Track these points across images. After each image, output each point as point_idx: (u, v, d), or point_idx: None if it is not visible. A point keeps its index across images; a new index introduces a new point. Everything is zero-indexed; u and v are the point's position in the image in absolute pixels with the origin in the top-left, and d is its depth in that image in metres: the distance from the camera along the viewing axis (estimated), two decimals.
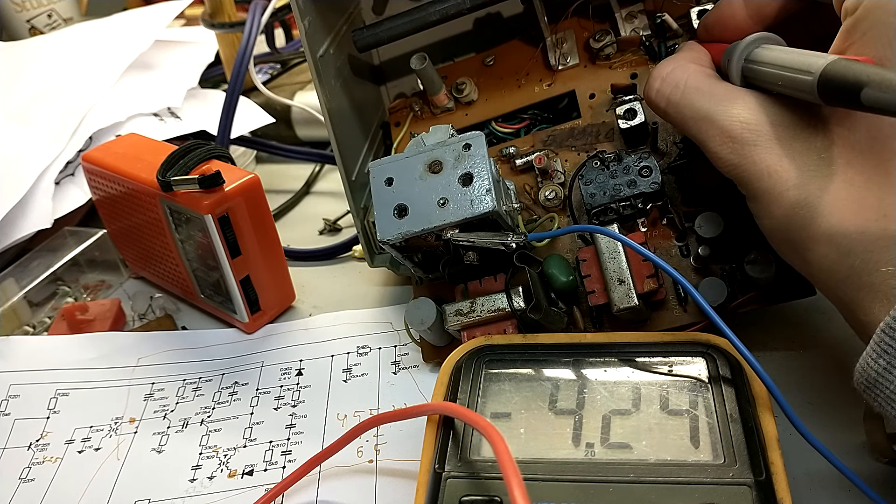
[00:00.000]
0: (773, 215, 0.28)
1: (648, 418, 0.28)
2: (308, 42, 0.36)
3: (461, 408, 0.28)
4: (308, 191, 0.61)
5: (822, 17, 0.29)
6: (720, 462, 0.26)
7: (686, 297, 0.35)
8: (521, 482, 0.22)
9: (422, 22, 0.39)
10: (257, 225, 0.41)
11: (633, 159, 0.35)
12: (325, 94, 0.37)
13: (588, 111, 0.39)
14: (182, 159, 0.41)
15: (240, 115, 0.53)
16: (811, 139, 0.27)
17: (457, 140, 0.34)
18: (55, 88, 0.58)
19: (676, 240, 0.36)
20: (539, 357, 0.32)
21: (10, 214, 0.49)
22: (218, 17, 0.63)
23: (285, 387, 0.40)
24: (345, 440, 0.32)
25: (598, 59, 0.40)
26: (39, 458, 0.38)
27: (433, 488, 0.27)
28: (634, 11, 0.39)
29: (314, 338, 0.43)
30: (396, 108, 0.44)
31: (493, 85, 0.42)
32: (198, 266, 0.44)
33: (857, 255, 0.25)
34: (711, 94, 0.29)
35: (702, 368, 0.29)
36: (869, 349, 0.24)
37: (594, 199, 0.36)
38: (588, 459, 0.27)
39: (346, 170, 0.39)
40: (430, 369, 0.40)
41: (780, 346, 0.37)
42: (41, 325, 0.48)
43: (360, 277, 0.49)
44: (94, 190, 0.48)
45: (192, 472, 0.36)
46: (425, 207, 0.33)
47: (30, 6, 0.88)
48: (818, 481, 0.30)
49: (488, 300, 0.35)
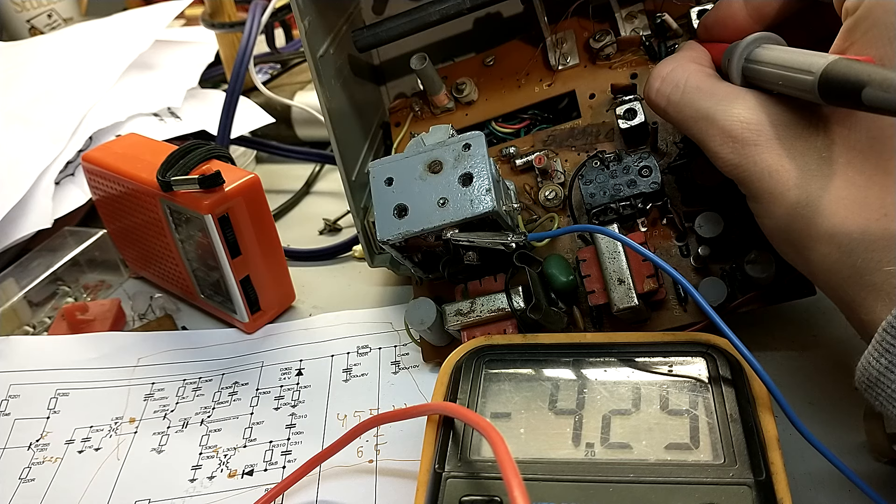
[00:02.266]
0: (774, 215, 0.28)
1: (648, 418, 0.28)
2: (308, 42, 0.36)
3: (461, 408, 0.28)
4: (308, 191, 0.61)
5: (823, 17, 0.29)
6: (720, 462, 0.26)
7: (686, 297, 0.35)
8: (521, 482, 0.22)
9: (422, 22, 0.39)
10: (257, 225, 0.41)
11: (633, 159, 0.35)
12: (325, 94, 0.37)
13: (588, 111, 0.39)
14: (182, 159, 0.41)
15: (240, 115, 0.53)
16: (812, 139, 0.27)
17: (456, 140, 0.34)
18: (55, 88, 0.58)
19: (676, 240, 0.36)
20: (539, 357, 0.32)
21: (10, 214, 0.49)
22: (218, 17, 0.63)
23: (285, 387, 0.40)
24: (345, 440, 0.32)
25: (598, 59, 0.40)
26: (39, 458, 0.38)
27: (433, 488, 0.27)
28: (634, 11, 0.39)
29: (314, 338, 0.43)
30: (397, 109, 0.44)
31: (494, 85, 0.42)
32: (198, 266, 0.44)
33: (859, 255, 0.25)
34: (712, 93, 0.29)
35: (702, 368, 0.29)
36: (870, 348, 0.24)
37: (594, 198, 0.36)
38: (588, 459, 0.27)
39: (346, 170, 0.39)
40: (430, 369, 0.40)
41: (780, 346, 0.37)
42: (41, 325, 0.48)
43: (360, 277, 0.49)
44: (94, 190, 0.48)
45: (192, 472, 0.36)
46: (425, 207, 0.33)
47: (30, 6, 0.88)
48: (818, 481, 0.30)
49: (488, 300, 0.35)
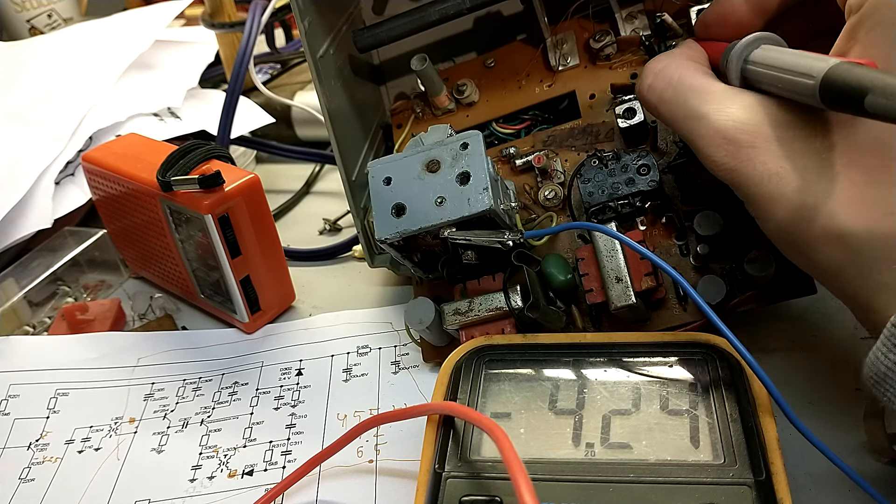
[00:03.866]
0: (776, 218, 0.27)
1: (648, 418, 0.28)
2: (308, 42, 0.36)
3: (462, 407, 0.28)
4: (308, 191, 0.61)
5: (825, 11, 0.28)
6: (720, 462, 0.26)
7: (686, 296, 0.35)
8: (527, 477, 0.22)
9: (422, 22, 0.39)
10: (257, 225, 0.41)
11: (632, 158, 0.35)
12: (325, 94, 0.37)
13: (588, 111, 0.39)
14: (182, 159, 0.41)
15: (240, 115, 0.53)
16: (811, 139, 0.26)
17: (454, 139, 0.34)
18: (55, 88, 0.58)
19: (676, 238, 0.36)
20: (539, 357, 0.32)
21: (10, 214, 0.49)
22: (218, 17, 0.63)
23: (285, 387, 0.40)
24: (345, 440, 0.32)
25: (598, 59, 0.40)
26: (39, 458, 0.38)
27: (433, 488, 0.27)
28: (634, 12, 0.39)
29: (314, 338, 0.43)
30: (398, 110, 0.44)
31: (494, 86, 0.42)
32: (198, 266, 0.44)
33: (866, 255, 0.25)
34: (706, 91, 0.29)
35: (702, 369, 0.29)
36: (879, 343, 0.24)
37: (592, 197, 0.36)
38: (588, 459, 0.27)
39: (346, 170, 0.39)
40: (430, 369, 0.40)
41: (780, 346, 0.37)
42: (41, 325, 0.48)
43: (360, 277, 0.49)
44: (94, 190, 0.48)
45: (192, 472, 0.36)
46: (423, 206, 0.33)
47: (30, 6, 0.88)
48: (818, 481, 0.30)
49: (486, 299, 0.35)
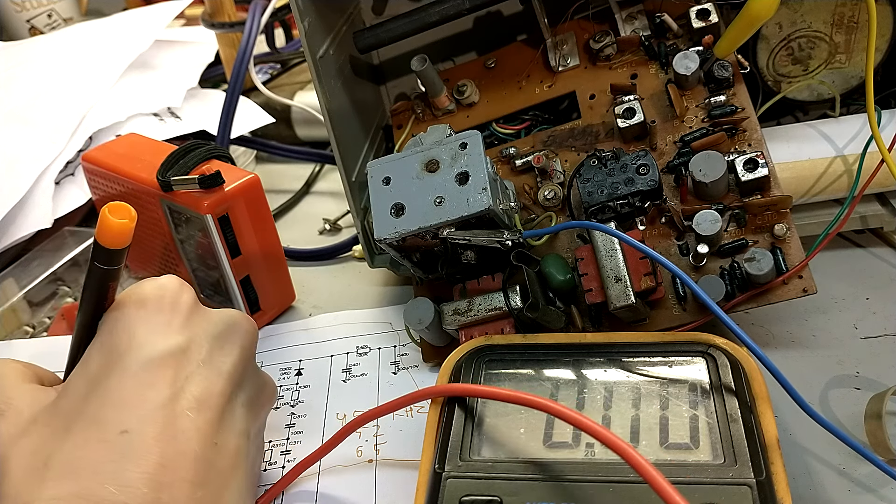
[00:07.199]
0: None
1: (648, 418, 0.28)
2: (308, 42, 0.36)
3: (459, 385, 0.29)
4: (308, 191, 0.61)
5: None
6: (720, 462, 0.26)
7: (685, 296, 0.35)
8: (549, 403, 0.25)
9: (422, 23, 0.39)
10: (257, 225, 0.41)
11: (631, 157, 0.35)
12: (325, 94, 0.37)
13: (588, 111, 0.39)
14: (182, 159, 0.41)
15: (240, 115, 0.53)
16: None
17: (453, 139, 0.34)
18: (55, 88, 0.58)
19: (676, 238, 0.36)
20: (539, 357, 0.32)
21: (10, 214, 0.49)
22: (218, 17, 0.63)
23: (285, 387, 0.40)
24: (340, 436, 0.31)
25: (598, 59, 0.40)
26: None
27: (433, 488, 0.27)
28: (634, 12, 0.39)
29: (314, 338, 0.43)
30: (398, 111, 0.44)
31: (495, 87, 0.42)
32: (198, 266, 0.44)
33: None
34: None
35: (702, 368, 0.29)
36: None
37: (592, 197, 0.36)
38: (588, 459, 0.27)
39: (346, 170, 0.39)
40: (430, 369, 0.40)
41: (780, 346, 0.37)
42: (41, 325, 0.48)
43: (360, 277, 0.49)
44: (94, 190, 0.48)
45: None
46: (422, 206, 0.33)
47: (30, 6, 0.88)
48: (818, 481, 0.30)
49: (486, 299, 0.35)
